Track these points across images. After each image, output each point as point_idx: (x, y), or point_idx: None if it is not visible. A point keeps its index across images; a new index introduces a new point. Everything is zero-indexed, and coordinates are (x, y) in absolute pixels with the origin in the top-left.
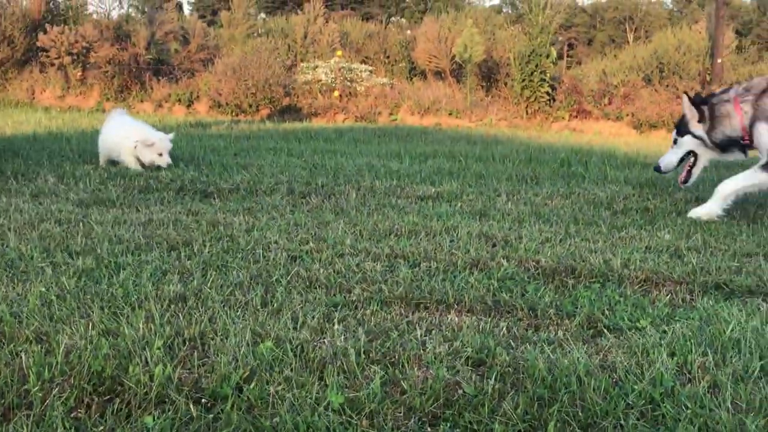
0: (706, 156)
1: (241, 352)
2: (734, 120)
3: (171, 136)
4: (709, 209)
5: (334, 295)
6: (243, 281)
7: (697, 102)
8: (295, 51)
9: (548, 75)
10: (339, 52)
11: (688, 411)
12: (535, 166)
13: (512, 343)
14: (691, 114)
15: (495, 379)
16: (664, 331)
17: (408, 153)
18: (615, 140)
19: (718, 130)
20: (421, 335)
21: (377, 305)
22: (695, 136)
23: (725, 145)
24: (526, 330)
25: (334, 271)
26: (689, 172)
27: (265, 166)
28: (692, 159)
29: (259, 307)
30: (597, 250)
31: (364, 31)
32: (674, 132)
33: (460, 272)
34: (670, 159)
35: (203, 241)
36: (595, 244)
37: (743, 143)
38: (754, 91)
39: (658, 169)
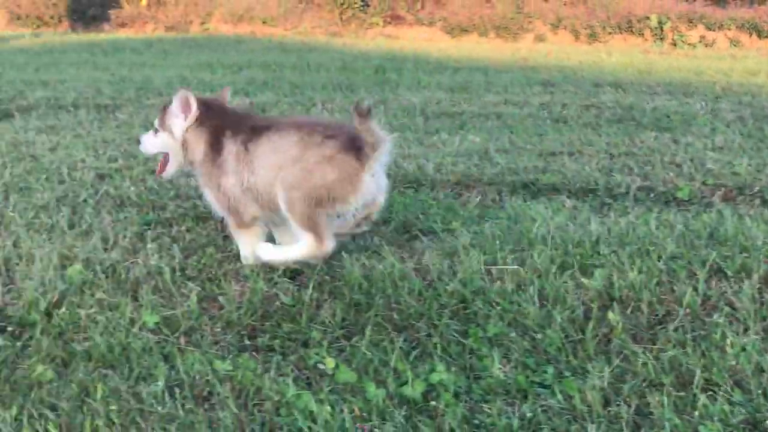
0: None
1: (49, 276)
2: None
3: None
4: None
5: (147, 213)
6: (48, 203)
7: None
8: None
9: None
10: None
11: (498, 308)
12: (350, 74)
13: None
14: None
15: (312, 289)
16: (475, 232)
17: (221, 64)
18: (428, 45)
19: None
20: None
21: (192, 221)
22: None
23: None
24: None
25: (145, 189)
26: None
27: (68, 80)
28: None
29: (66, 229)
30: (411, 155)
31: None
32: None
33: None
34: None
35: (3, 162)
36: (409, 150)
37: None
38: None
39: None
